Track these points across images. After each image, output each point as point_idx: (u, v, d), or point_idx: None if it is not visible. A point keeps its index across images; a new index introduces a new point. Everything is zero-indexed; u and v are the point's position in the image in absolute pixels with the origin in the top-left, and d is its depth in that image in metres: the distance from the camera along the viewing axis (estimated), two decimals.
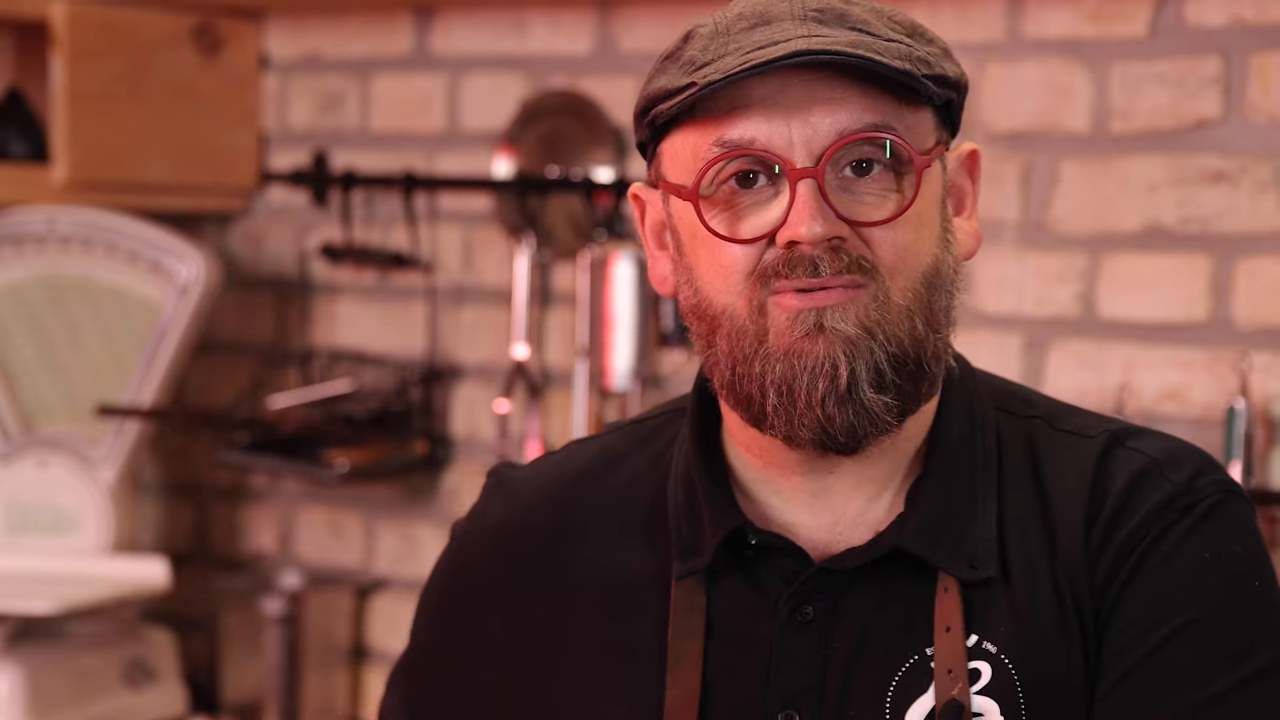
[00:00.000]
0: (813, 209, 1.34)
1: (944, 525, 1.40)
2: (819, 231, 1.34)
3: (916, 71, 1.36)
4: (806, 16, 1.37)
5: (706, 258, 1.39)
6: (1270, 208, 2.29)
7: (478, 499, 1.60)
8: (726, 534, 1.42)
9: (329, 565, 3.05)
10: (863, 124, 1.35)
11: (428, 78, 2.95)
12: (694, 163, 1.38)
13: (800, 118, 1.35)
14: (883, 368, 1.36)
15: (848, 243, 1.35)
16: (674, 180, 1.41)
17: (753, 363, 1.37)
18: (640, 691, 1.42)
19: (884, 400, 1.36)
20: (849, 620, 1.40)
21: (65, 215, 2.87)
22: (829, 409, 1.36)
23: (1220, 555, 1.38)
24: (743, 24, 1.38)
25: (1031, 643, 1.37)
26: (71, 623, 2.79)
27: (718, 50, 1.37)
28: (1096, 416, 1.49)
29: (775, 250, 1.36)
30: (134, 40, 2.91)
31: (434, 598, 1.59)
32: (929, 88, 1.37)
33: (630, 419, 1.61)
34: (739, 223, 1.37)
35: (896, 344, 1.36)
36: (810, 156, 1.35)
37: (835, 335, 1.35)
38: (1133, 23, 2.37)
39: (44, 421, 2.90)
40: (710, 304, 1.39)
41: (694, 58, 1.38)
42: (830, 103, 1.35)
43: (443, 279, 2.92)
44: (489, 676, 1.51)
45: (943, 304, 1.40)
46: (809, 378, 1.35)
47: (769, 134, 1.35)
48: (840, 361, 1.35)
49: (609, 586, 1.48)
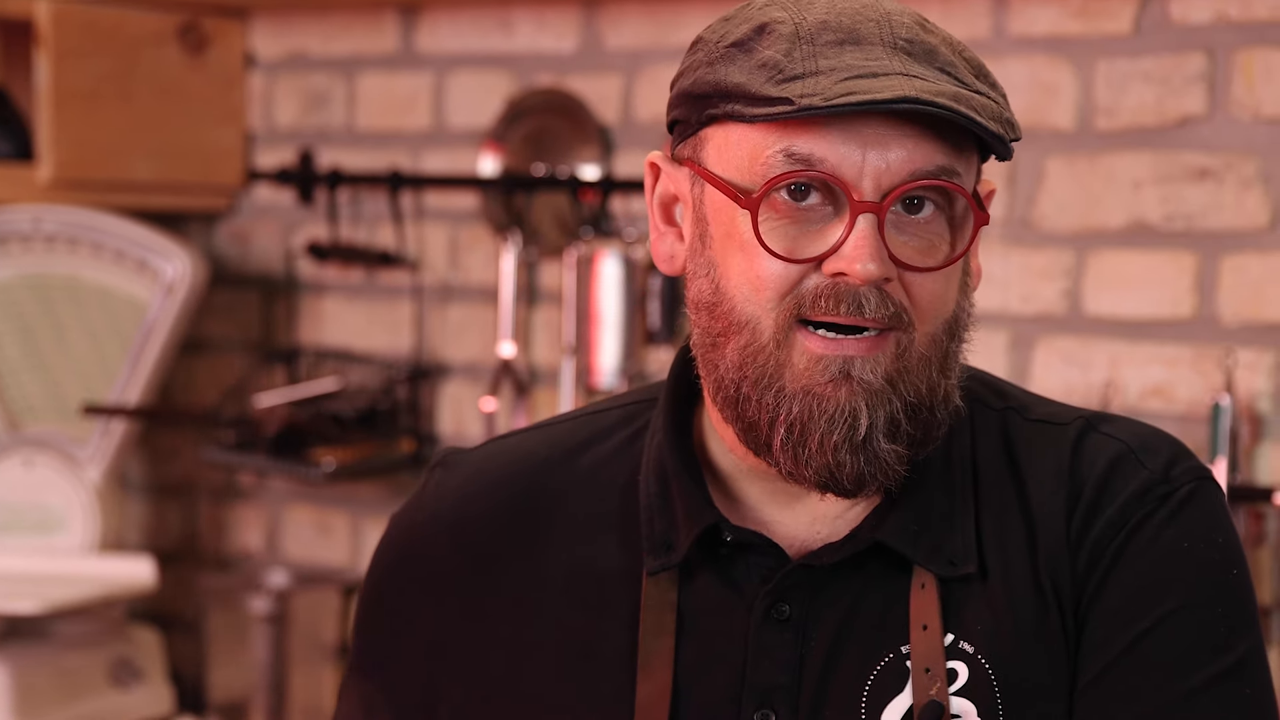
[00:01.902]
0: (872, 247, 1.31)
1: (922, 521, 1.39)
2: (874, 271, 1.31)
3: (1007, 136, 1.34)
4: (897, 46, 1.33)
5: (740, 261, 1.35)
6: (1255, 204, 2.29)
7: (422, 485, 1.54)
8: (701, 530, 1.40)
9: (316, 564, 3.04)
10: (933, 166, 1.32)
11: (413, 76, 2.94)
12: (750, 164, 1.34)
13: (877, 150, 1.31)
14: (898, 418, 1.34)
15: (891, 285, 1.33)
16: (719, 172, 1.36)
17: (765, 393, 1.34)
18: (610, 690, 1.40)
19: (895, 450, 1.35)
20: (826, 618, 1.38)
21: (51, 214, 2.86)
22: (840, 456, 1.34)
23: (1198, 544, 1.38)
24: (828, 36, 1.33)
25: (1010, 641, 1.37)
26: (58, 622, 2.79)
27: (806, 63, 1.32)
28: (1067, 406, 1.48)
29: (819, 278, 1.33)
30: (119, 39, 2.91)
31: (382, 589, 1.53)
32: (1009, 150, 1.35)
33: (586, 408, 1.57)
34: (791, 240, 1.33)
35: (915, 393, 1.35)
36: (877, 191, 1.32)
37: (861, 385, 1.33)
38: (1117, 20, 2.37)
39: (30, 421, 2.90)
40: (732, 308, 1.35)
41: (778, 63, 1.32)
42: (907, 141, 1.32)
43: (429, 277, 2.92)
44: (450, 671, 1.47)
45: (955, 349, 1.38)
46: (827, 423, 1.33)
47: (840, 158, 1.31)
48: (861, 411, 1.33)
49: (575, 580, 1.44)
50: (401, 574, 1.52)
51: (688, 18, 2.65)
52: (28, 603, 2.65)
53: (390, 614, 1.52)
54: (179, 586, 3.05)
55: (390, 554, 1.54)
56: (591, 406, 1.57)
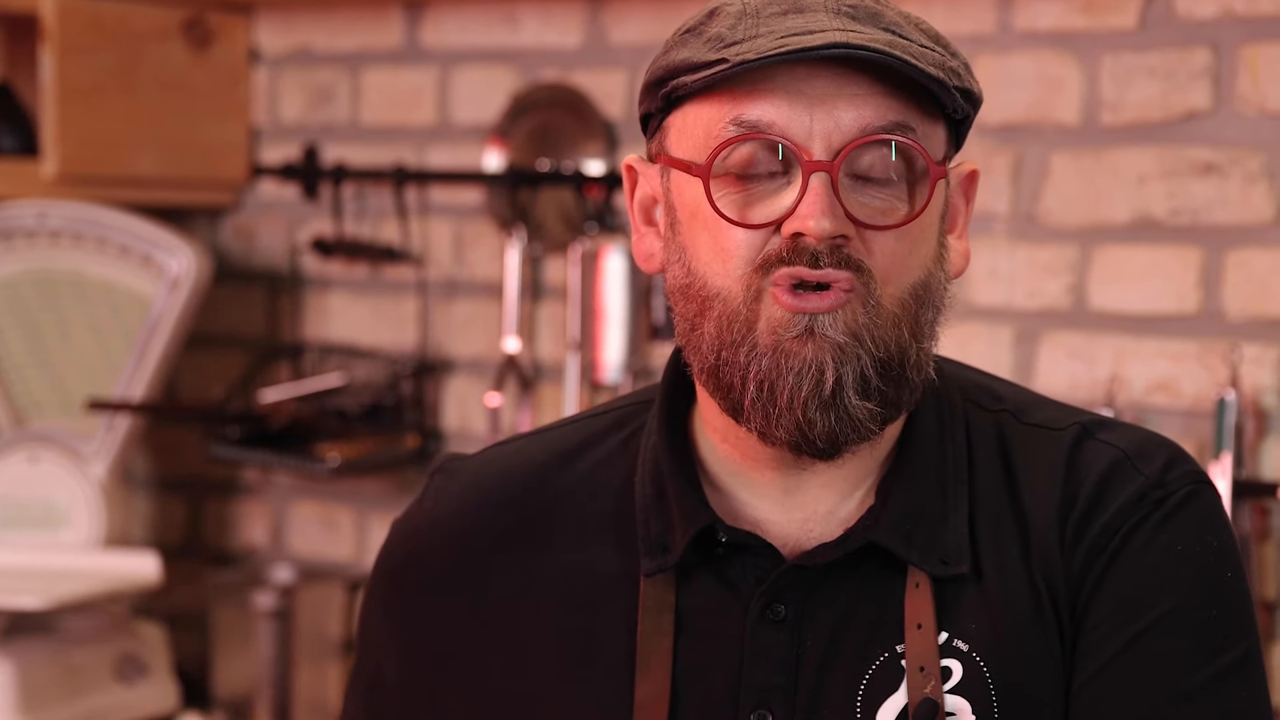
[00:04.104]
0: (824, 204, 1.32)
1: (916, 520, 1.39)
2: (827, 228, 1.32)
3: (949, 81, 1.35)
4: (840, 11, 1.35)
5: (706, 238, 1.37)
6: (1260, 199, 2.29)
7: (423, 491, 1.55)
8: (697, 532, 1.40)
9: (321, 559, 3.05)
10: (885, 122, 1.33)
11: (418, 71, 2.94)
12: (705, 139, 1.36)
13: (824, 110, 1.33)
14: (868, 374, 1.34)
15: (850, 243, 1.33)
16: (680, 155, 1.39)
17: (739, 351, 1.35)
18: (608, 692, 1.40)
19: (867, 407, 1.35)
20: (820, 618, 1.38)
21: (55, 209, 2.86)
22: (810, 413, 1.34)
23: (1193, 548, 1.38)
24: (774, 8, 1.35)
25: (1004, 640, 1.37)
26: (63, 618, 2.79)
27: (748, 30, 1.34)
28: (1064, 408, 1.48)
29: (779, 239, 1.34)
30: (124, 34, 2.91)
31: (383, 594, 1.54)
32: (956, 99, 1.36)
33: (585, 412, 1.58)
34: (746, 207, 1.35)
35: (884, 349, 1.35)
36: (828, 150, 1.33)
37: (825, 340, 1.33)
38: (1123, 14, 2.37)
39: (35, 416, 2.90)
40: (704, 285, 1.37)
41: (721, 34, 1.35)
42: (855, 99, 1.33)
43: (434, 272, 2.92)
44: (451, 677, 1.47)
45: (929, 318, 1.38)
46: (794, 378, 1.33)
47: (788, 120, 1.33)
48: (827, 366, 1.33)
49: (573, 583, 1.45)
50: (402, 579, 1.53)
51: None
52: (33, 598, 2.65)
53: (391, 619, 1.52)
54: (184, 582, 3.05)
55: (391, 559, 1.54)
56: (589, 411, 1.58)
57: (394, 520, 1.57)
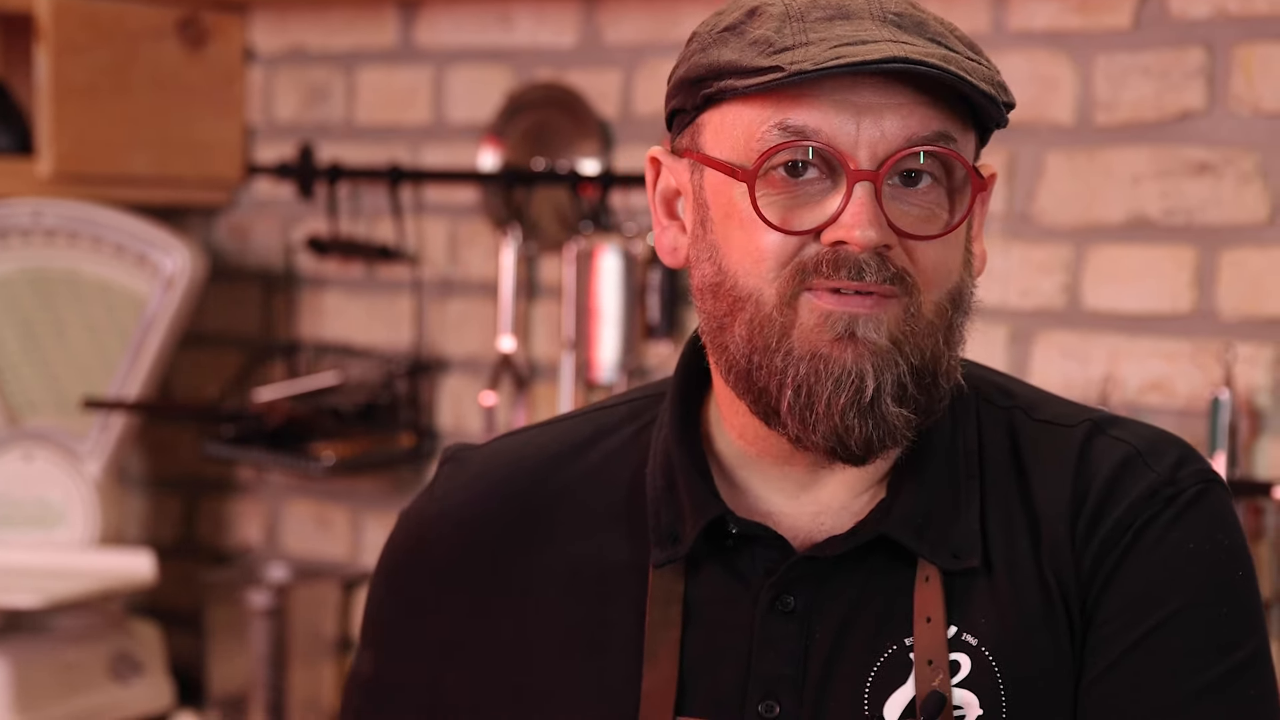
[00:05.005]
0: (869, 214, 1.32)
1: (927, 514, 1.40)
2: (873, 238, 1.32)
3: (999, 97, 1.35)
4: (886, 19, 1.34)
5: (740, 239, 1.36)
6: (1254, 199, 2.29)
7: (432, 480, 1.55)
8: (707, 523, 1.41)
9: (315, 558, 3.05)
10: (929, 133, 1.33)
11: (413, 70, 2.95)
12: (746, 141, 1.35)
13: (870, 119, 1.33)
14: (905, 381, 1.35)
15: (892, 252, 1.34)
16: (716, 154, 1.38)
17: (774, 357, 1.35)
18: (616, 681, 1.41)
19: (903, 414, 1.35)
20: (830, 609, 1.39)
21: (50, 208, 2.86)
22: (849, 420, 1.34)
23: (1204, 546, 1.39)
24: (819, 13, 1.34)
25: (1013, 634, 1.37)
26: (57, 616, 2.79)
27: (796, 36, 1.33)
28: (1075, 405, 1.49)
29: (819, 246, 1.34)
30: (119, 33, 2.91)
31: (392, 585, 1.53)
32: (1003, 113, 1.37)
33: (594, 404, 1.58)
34: (789, 212, 1.34)
35: (920, 357, 1.35)
36: (873, 159, 1.33)
37: (866, 345, 1.34)
38: (1117, 14, 2.37)
39: (29, 415, 2.90)
40: (736, 285, 1.36)
41: (768, 38, 1.34)
42: (901, 109, 1.33)
43: (429, 271, 2.92)
44: (458, 668, 1.47)
45: (961, 322, 1.39)
46: (834, 384, 1.34)
47: (834, 129, 1.33)
48: (868, 373, 1.34)
49: (580, 575, 1.45)
50: (410, 569, 1.53)
51: (687, 12, 2.65)
52: (27, 597, 2.65)
53: (399, 608, 1.52)
54: (179, 581, 3.05)
55: (399, 549, 1.55)
56: (599, 403, 1.58)
57: (402, 510, 1.57)
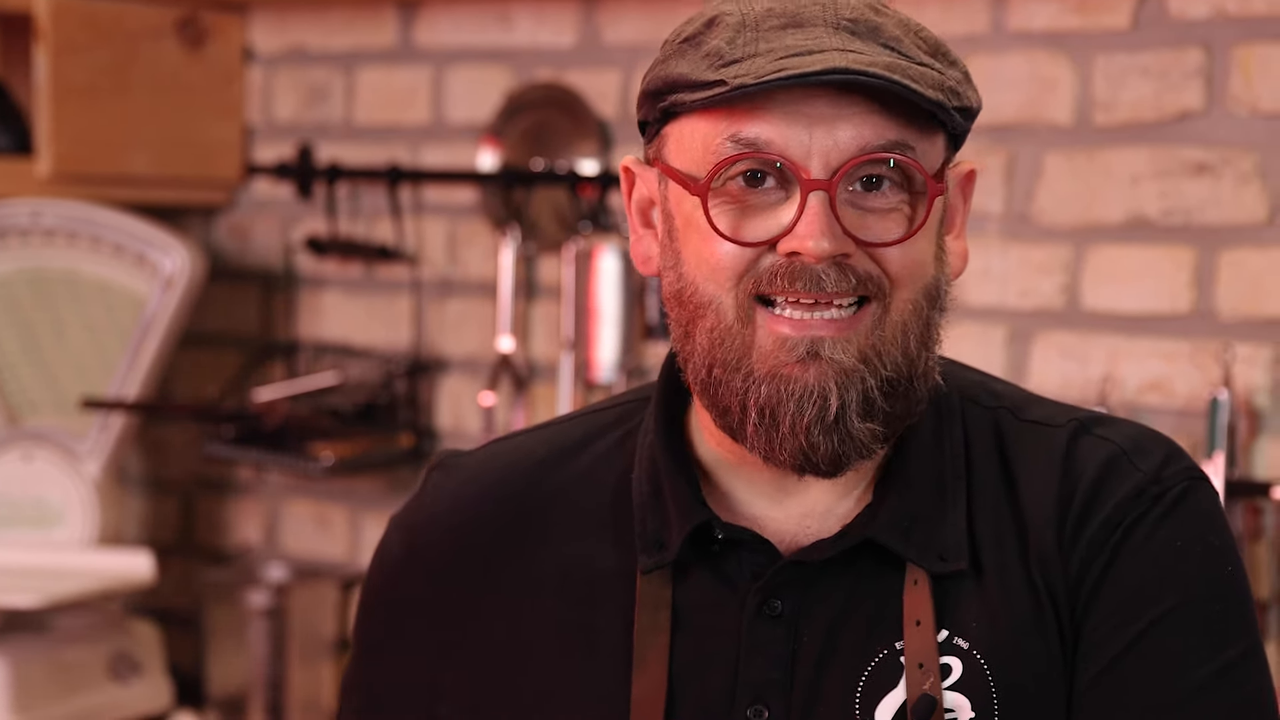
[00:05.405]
0: (823, 224, 1.32)
1: (914, 517, 1.39)
2: (826, 248, 1.32)
3: (948, 103, 1.35)
4: (840, 26, 1.34)
5: (699, 249, 1.37)
6: (1252, 199, 2.29)
7: (421, 487, 1.55)
8: (693, 528, 1.41)
9: (314, 558, 3.05)
10: (884, 141, 1.33)
11: (412, 70, 2.95)
12: (704, 153, 1.36)
13: (823, 129, 1.33)
14: (873, 395, 1.34)
15: (852, 259, 1.34)
16: (677, 166, 1.39)
17: (735, 376, 1.35)
18: (605, 687, 1.41)
19: (870, 428, 1.35)
20: (818, 614, 1.39)
21: (50, 208, 2.87)
22: (814, 437, 1.34)
23: (1193, 544, 1.38)
24: (773, 21, 1.35)
25: (1004, 636, 1.37)
26: (56, 616, 2.79)
27: (747, 48, 1.34)
28: (1061, 406, 1.48)
29: (775, 257, 1.34)
30: (118, 33, 2.91)
31: (382, 590, 1.54)
32: (955, 120, 1.36)
33: (585, 408, 1.58)
34: (743, 222, 1.35)
35: (892, 367, 1.35)
36: (826, 169, 1.33)
37: (830, 365, 1.33)
38: (1116, 15, 2.37)
39: (29, 415, 2.90)
40: (695, 292, 1.37)
41: (720, 50, 1.35)
42: (854, 118, 1.33)
43: (428, 272, 2.92)
44: (448, 674, 1.47)
45: (936, 321, 1.39)
46: (796, 405, 1.34)
47: (787, 139, 1.33)
48: (831, 392, 1.33)
49: (570, 579, 1.45)
50: (401, 575, 1.53)
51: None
52: (26, 597, 2.65)
53: (390, 615, 1.53)
54: (178, 581, 3.05)
55: (390, 555, 1.54)
56: (588, 407, 1.58)
57: (392, 516, 1.57)
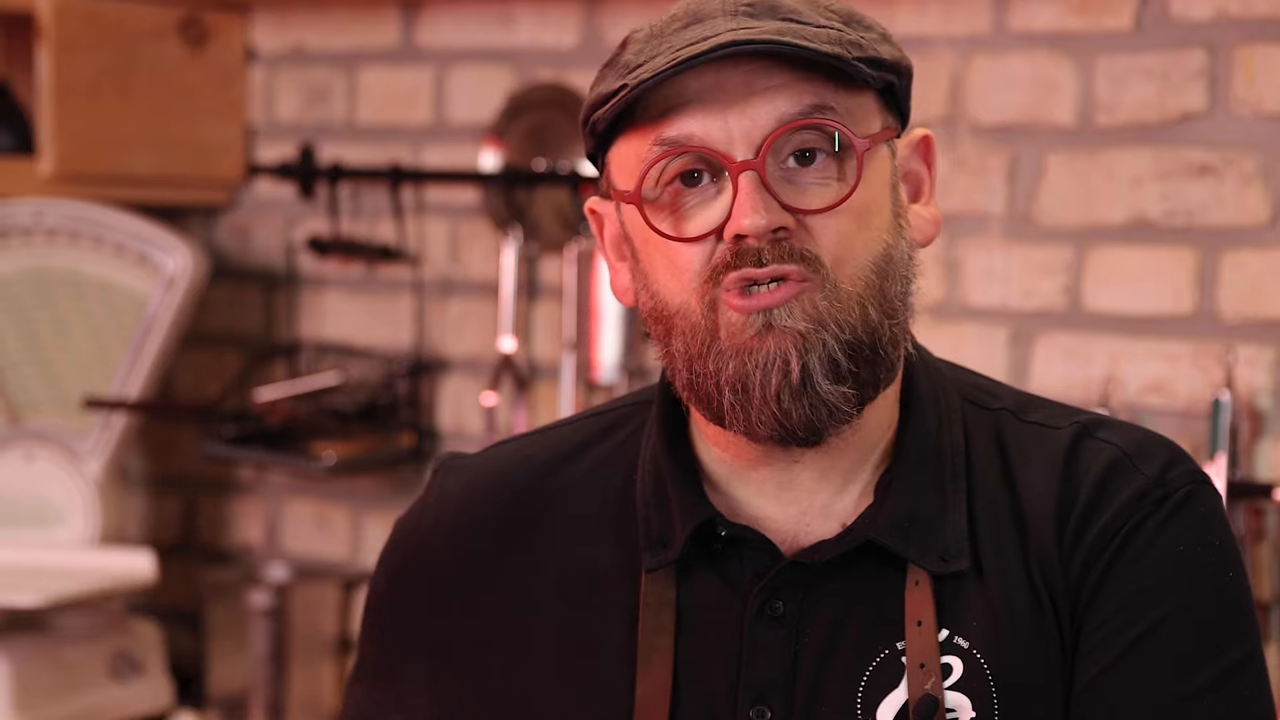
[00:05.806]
0: (755, 201, 1.34)
1: (914, 518, 1.40)
2: (762, 224, 1.34)
3: (847, 55, 1.35)
4: (737, 11, 1.37)
5: (660, 260, 1.39)
6: (1255, 201, 2.29)
7: (426, 490, 1.57)
8: (696, 526, 1.42)
9: (315, 558, 3.05)
10: (802, 108, 1.35)
11: (414, 70, 2.94)
12: (637, 166, 1.38)
13: (738, 110, 1.35)
14: (837, 358, 1.35)
15: (792, 234, 1.35)
16: (622, 187, 1.41)
17: (707, 360, 1.37)
18: (610, 687, 1.41)
19: (841, 390, 1.36)
20: (819, 615, 1.39)
21: (51, 208, 2.86)
22: (784, 404, 1.35)
23: (1195, 548, 1.39)
24: (676, 24, 1.38)
25: (1005, 636, 1.37)
26: (57, 615, 2.79)
27: (650, 52, 1.37)
28: (1062, 407, 1.49)
29: (723, 245, 1.36)
30: (120, 33, 2.91)
31: (387, 593, 1.55)
32: (861, 70, 1.36)
33: (587, 411, 1.59)
34: (685, 222, 1.37)
35: (850, 331, 1.36)
36: (750, 148, 1.35)
37: (785, 332, 1.34)
38: (1118, 16, 2.37)
39: (30, 414, 2.90)
40: (666, 305, 1.39)
41: (628, 61, 1.38)
42: (767, 92, 1.35)
43: (429, 272, 2.92)
44: (452, 676, 1.48)
45: (897, 290, 1.39)
46: (761, 374, 1.35)
47: (706, 130, 1.35)
48: (791, 356, 1.34)
49: (574, 580, 1.46)
50: (406, 578, 1.54)
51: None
52: (28, 596, 2.65)
53: (395, 618, 1.53)
54: (179, 580, 3.05)
55: (394, 559, 1.56)
56: (589, 410, 1.59)
57: (397, 519, 1.58)
